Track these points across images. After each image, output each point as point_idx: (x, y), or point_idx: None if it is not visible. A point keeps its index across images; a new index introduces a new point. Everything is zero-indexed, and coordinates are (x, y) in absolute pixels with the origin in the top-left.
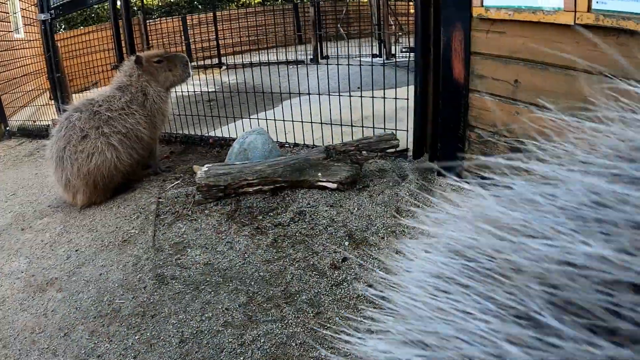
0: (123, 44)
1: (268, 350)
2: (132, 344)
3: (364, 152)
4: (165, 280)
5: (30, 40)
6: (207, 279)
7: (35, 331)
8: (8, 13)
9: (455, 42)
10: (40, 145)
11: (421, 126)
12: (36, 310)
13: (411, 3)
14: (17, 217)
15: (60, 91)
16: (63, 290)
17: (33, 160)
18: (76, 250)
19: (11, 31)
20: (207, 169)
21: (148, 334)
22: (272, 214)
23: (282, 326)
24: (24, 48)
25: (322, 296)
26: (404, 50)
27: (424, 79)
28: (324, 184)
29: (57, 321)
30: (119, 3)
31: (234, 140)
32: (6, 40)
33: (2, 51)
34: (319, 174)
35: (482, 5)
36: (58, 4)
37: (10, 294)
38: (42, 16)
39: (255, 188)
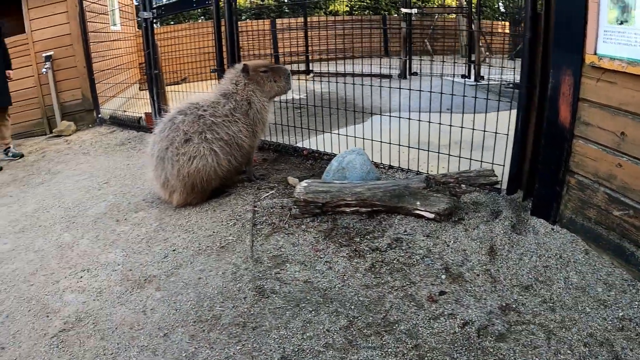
0: (224, 48)
1: None
2: (233, 353)
3: (462, 185)
4: (265, 293)
5: (125, 34)
6: (307, 297)
7: (134, 327)
8: (107, 6)
9: (564, 85)
10: (131, 136)
11: (518, 163)
12: (135, 306)
13: (501, 22)
14: (112, 208)
15: (156, 87)
16: (162, 290)
17: (125, 150)
18: (173, 250)
19: (108, 24)
20: (306, 184)
21: (249, 346)
22: (369, 237)
23: (382, 354)
24: (119, 40)
25: (420, 328)
26: (508, 86)
27: (526, 117)
28: (421, 212)
29: (156, 320)
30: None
31: (327, 154)
32: (104, 32)
33: (99, 42)
34: (418, 203)
35: (595, 53)
36: (161, 4)
37: (107, 285)
38: (145, 14)
39: (352, 209)
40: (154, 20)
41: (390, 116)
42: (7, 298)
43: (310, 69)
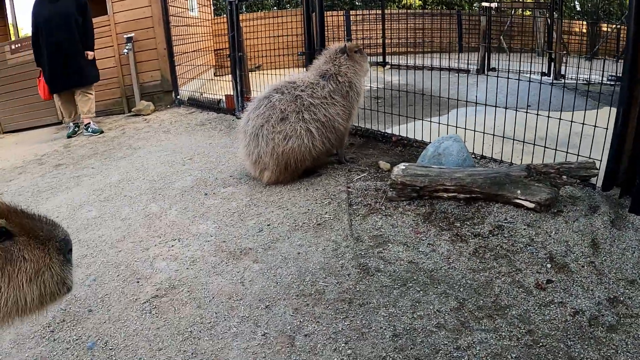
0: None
1: (484, 358)
2: (341, 329)
3: (564, 176)
4: (370, 271)
5: (202, 20)
6: (414, 277)
7: (232, 297)
8: None
9: None
10: (211, 117)
11: (615, 160)
12: (232, 277)
13: (580, 22)
14: (198, 182)
15: (239, 69)
16: (259, 262)
17: (206, 130)
18: (268, 225)
19: (187, 9)
20: (404, 167)
21: (358, 322)
22: (468, 223)
23: (496, 337)
24: (196, 26)
25: (531, 314)
26: (610, 79)
27: (627, 113)
28: (521, 202)
29: (256, 292)
30: None
31: (417, 141)
32: (182, 17)
33: (179, 26)
34: (518, 192)
35: None
36: None
37: (201, 255)
38: None
39: (450, 194)
40: (239, 3)
41: (475, 107)
42: (94, 262)
43: (386, 60)
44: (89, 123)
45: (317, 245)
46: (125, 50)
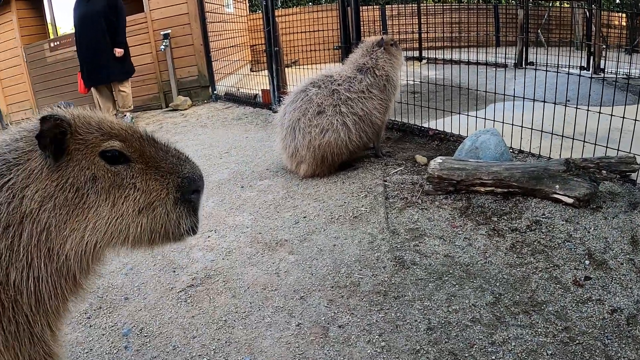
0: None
1: (519, 354)
2: (375, 320)
3: (603, 171)
4: (406, 264)
5: (238, 16)
6: (450, 271)
7: (267, 288)
8: None
9: None
10: (247, 112)
11: None
12: (267, 267)
13: (619, 14)
14: (235, 175)
15: (275, 64)
16: (295, 254)
17: (242, 124)
18: (304, 217)
19: (223, 6)
20: (441, 160)
21: (392, 314)
22: (506, 218)
23: (532, 333)
24: (232, 22)
25: (568, 311)
26: None
27: None
28: (559, 197)
29: (291, 283)
30: None
31: (454, 135)
32: (218, 13)
33: (215, 22)
34: (557, 186)
35: None
36: None
37: (237, 246)
38: None
39: (487, 189)
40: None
41: (513, 101)
42: (131, 252)
43: (423, 55)
44: (125, 116)
45: (353, 237)
46: (162, 47)
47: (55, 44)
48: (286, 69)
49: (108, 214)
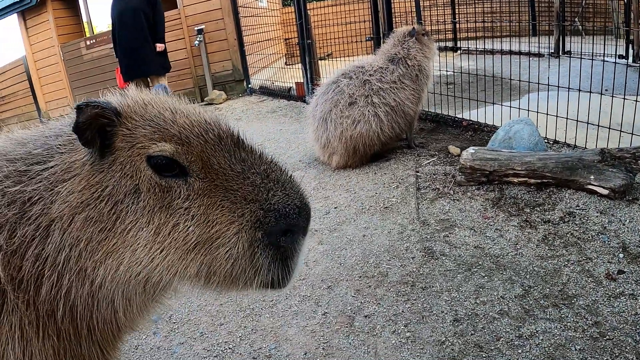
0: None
1: (546, 349)
2: (402, 311)
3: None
4: (435, 255)
5: (271, 10)
6: (479, 263)
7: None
8: None
9: None
10: (282, 105)
11: None
12: None
13: None
14: None
15: (308, 56)
16: (324, 244)
17: (276, 117)
18: (335, 208)
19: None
20: (473, 151)
21: (419, 305)
22: (539, 209)
23: (561, 327)
24: (265, 16)
25: (599, 305)
26: None
27: None
28: (594, 188)
29: (319, 272)
30: None
31: (488, 125)
32: (252, 8)
33: (248, 17)
34: (591, 177)
35: None
36: None
37: None
38: None
39: (520, 179)
40: None
41: (548, 91)
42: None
43: (458, 45)
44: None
45: (383, 228)
46: (197, 42)
47: (92, 42)
48: (320, 61)
49: (149, 242)
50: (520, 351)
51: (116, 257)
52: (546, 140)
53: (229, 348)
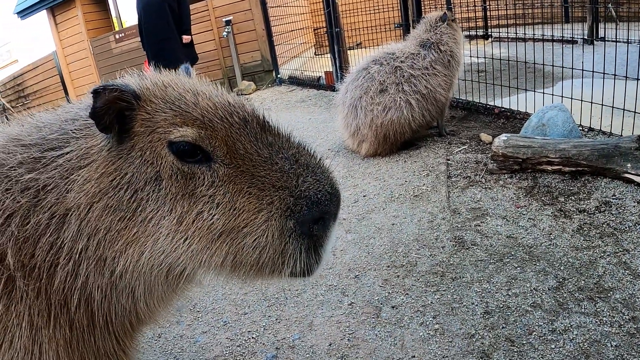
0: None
1: (581, 344)
2: (430, 302)
3: None
4: (466, 244)
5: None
6: (511, 253)
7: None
8: None
9: None
10: (311, 94)
11: None
12: None
13: None
14: None
15: (337, 45)
16: (352, 232)
17: (305, 106)
18: (364, 196)
19: None
20: (506, 138)
21: (449, 296)
22: (573, 198)
23: (596, 322)
24: (294, 6)
25: (637, 299)
26: None
27: None
28: (631, 176)
29: (346, 261)
30: None
31: (521, 113)
32: None
33: (276, 7)
34: (629, 165)
35: None
36: None
37: None
38: None
39: (554, 167)
40: None
41: (582, 79)
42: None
43: (489, 33)
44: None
45: (413, 216)
46: (225, 33)
47: (120, 35)
48: (349, 51)
49: (172, 232)
50: (553, 346)
51: (137, 246)
52: (580, 128)
53: (253, 337)
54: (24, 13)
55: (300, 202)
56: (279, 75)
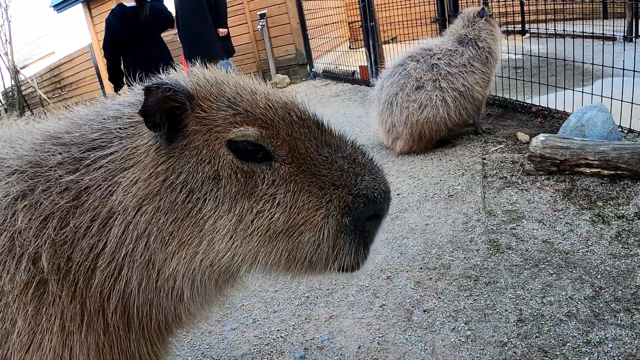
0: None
1: (616, 358)
2: (463, 307)
3: None
4: (500, 248)
5: None
6: (547, 259)
7: None
8: None
9: None
10: (345, 88)
11: None
12: None
13: None
14: None
15: (372, 39)
16: (385, 232)
17: (340, 100)
18: (397, 194)
19: None
20: (544, 138)
21: (482, 302)
22: (612, 203)
23: (632, 335)
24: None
25: None
26: None
27: None
28: None
29: (378, 261)
30: None
31: (559, 112)
32: None
33: (311, 1)
34: None
35: None
36: None
37: None
38: None
39: (593, 170)
40: None
41: (623, 77)
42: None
43: (526, 29)
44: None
45: (447, 217)
46: (259, 26)
47: None
48: (384, 45)
49: (230, 231)
50: (587, 359)
51: (191, 247)
52: (620, 129)
53: (281, 337)
54: (59, 6)
55: (358, 200)
56: (313, 69)
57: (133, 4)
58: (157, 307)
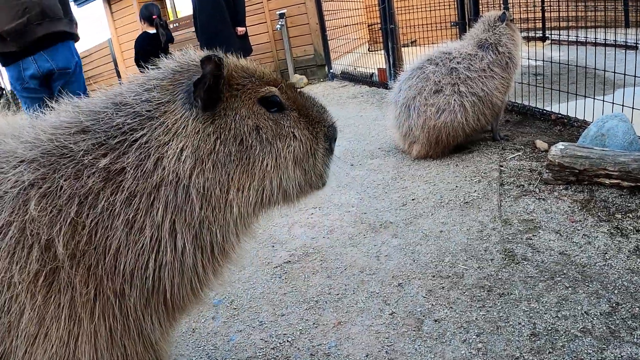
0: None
1: None
2: (475, 318)
3: None
4: (516, 258)
5: None
6: (563, 271)
7: (365, 271)
8: None
9: None
10: (363, 90)
11: None
12: (367, 249)
13: None
14: (346, 153)
15: (391, 42)
16: (398, 237)
17: (357, 102)
18: (412, 199)
19: None
20: (563, 147)
21: (495, 314)
22: (631, 216)
23: None
24: (348, 0)
25: None
26: None
27: None
28: None
29: (390, 268)
30: None
31: (579, 120)
32: None
33: (330, 1)
34: None
35: None
36: None
37: (339, 225)
38: None
39: (612, 181)
40: None
41: None
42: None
43: (547, 35)
44: None
45: (462, 224)
46: (278, 26)
47: (175, 25)
48: (403, 48)
49: (273, 167)
50: None
51: (246, 189)
52: None
53: (288, 341)
54: (80, 1)
55: (330, 129)
56: (331, 70)
57: (154, 31)
58: (200, 265)
